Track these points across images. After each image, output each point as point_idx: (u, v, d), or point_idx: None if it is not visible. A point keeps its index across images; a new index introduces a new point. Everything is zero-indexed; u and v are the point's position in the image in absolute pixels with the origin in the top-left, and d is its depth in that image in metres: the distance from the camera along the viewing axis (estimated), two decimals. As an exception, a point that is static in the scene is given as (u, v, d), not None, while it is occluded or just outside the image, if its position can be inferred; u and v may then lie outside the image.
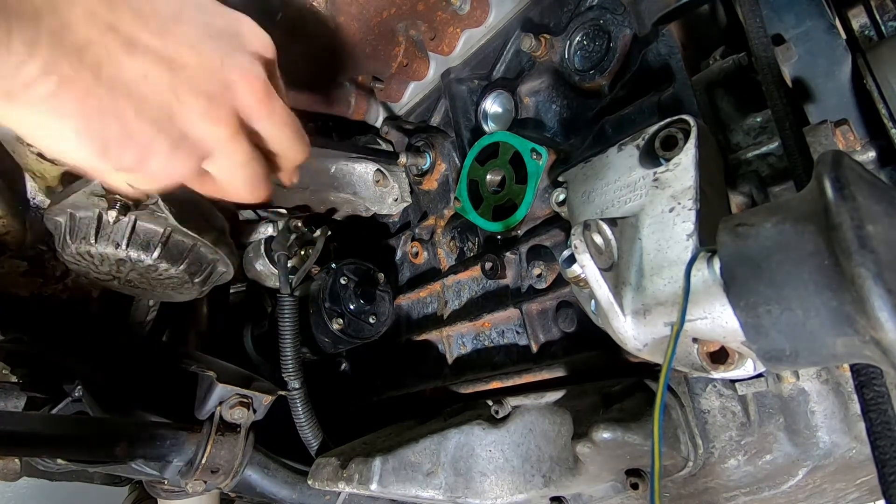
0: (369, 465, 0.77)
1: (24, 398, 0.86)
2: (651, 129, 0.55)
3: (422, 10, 0.87)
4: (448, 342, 0.92)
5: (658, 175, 0.52)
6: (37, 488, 1.70)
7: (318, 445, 0.90)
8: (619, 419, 0.57)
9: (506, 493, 0.68)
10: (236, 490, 0.89)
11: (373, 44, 0.91)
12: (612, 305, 0.47)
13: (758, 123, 0.57)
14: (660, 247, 0.48)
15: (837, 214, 0.31)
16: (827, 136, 0.51)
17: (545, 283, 0.76)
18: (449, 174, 0.96)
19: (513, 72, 0.87)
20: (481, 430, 0.73)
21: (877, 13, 0.59)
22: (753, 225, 0.37)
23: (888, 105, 0.53)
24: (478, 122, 0.89)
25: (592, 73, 0.73)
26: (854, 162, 0.34)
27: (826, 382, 0.53)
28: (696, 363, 0.46)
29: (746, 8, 0.53)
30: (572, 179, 0.63)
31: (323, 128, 1.06)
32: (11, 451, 0.77)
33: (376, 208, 1.03)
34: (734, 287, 0.37)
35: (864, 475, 0.62)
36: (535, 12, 0.83)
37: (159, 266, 0.77)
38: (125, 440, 0.75)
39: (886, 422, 0.35)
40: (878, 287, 0.29)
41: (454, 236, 0.94)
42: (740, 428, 0.57)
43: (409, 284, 1.03)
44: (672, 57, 0.63)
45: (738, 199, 0.56)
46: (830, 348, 0.34)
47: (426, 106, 1.01)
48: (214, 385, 0.81)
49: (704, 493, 0.64)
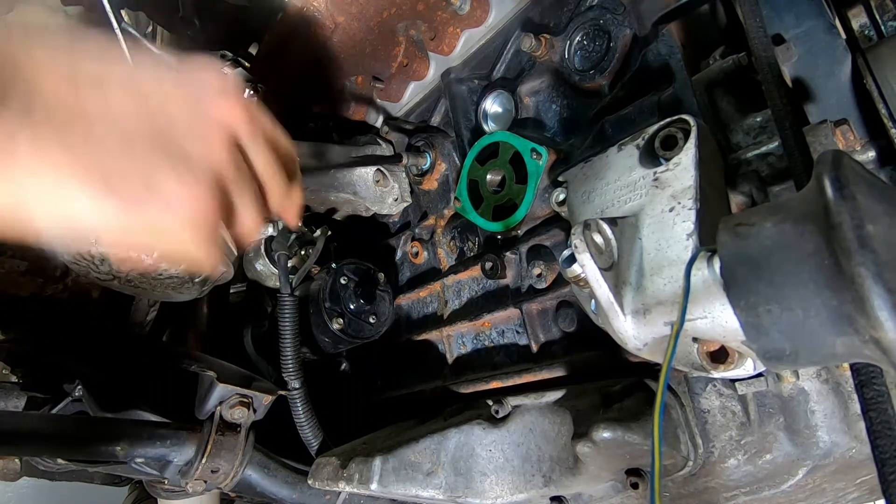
0: (369, 465, 0.77)
1: (24, 398, 0.86)
2: (651, 128, 0.55)
3: (422, 10, 0.87)
4: (448, 342, 0.92)
5: (658, 175, 0.52)
6: (37, 488, 1.70)
7: (318, 445, 0.90)
8: (619, 419, 0.57)
9: (506, 493, 0.68)
10: (236, 490, 0.89)
11: (373, 44, 0.91)
12: (612, 305, 0.47)
13: (758, 123, 0.57)
14: (660, 246, 0.48)
15: (837, 214, 0.31)
16: (827, 135, 0.51)
17: (545, 282, 0.76)
18: (449, 174, 0.96)
19: (513, 72, 0.87)
20: (481, 430, 0.73)
21: (877, 13, 0.59)
22: (753, 225, 0.37)
23: (888, 105, 0.53)
24: (478, 122, 0.89)
25: (592, 73, 0.73)
26: (854, 161, 0.34)
27: (826, 382, 0.53)
28: (696, 363, 0.46)
29: (746, 8, 0.53)
30: (572, 179, 0.63)
31: (323, 128, 1.06)
32: (11, 451, 0.77)
33: (376, 208, 1.03)
34: (734, 287, 0.37)
35: (864, 475, 0.62)
36: (535, 12, 0.83)
37: (160, 266, 0.77)
38: (125, 440, 0.75)
39: (886, 421, 0.35)
40: (878, 286, 0.29)
41: (454, 236, 0.94)
42: (740, 427, 0.57)
43: (409, 284, 1.03)
44: (672, 57, 0.63)
45: (738, 199, 0.56)
46: (830, 348, 0.34)
47: (426, 106, 1.01)
48: (214, 385, 0.81)
49: (704, 493, 0.64)
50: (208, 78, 0.44)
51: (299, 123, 1.06)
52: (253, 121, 0.46)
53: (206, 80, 0.44)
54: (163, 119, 0.40)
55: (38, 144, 0.35)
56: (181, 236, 0.41)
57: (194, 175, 0.41)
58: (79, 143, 0.37)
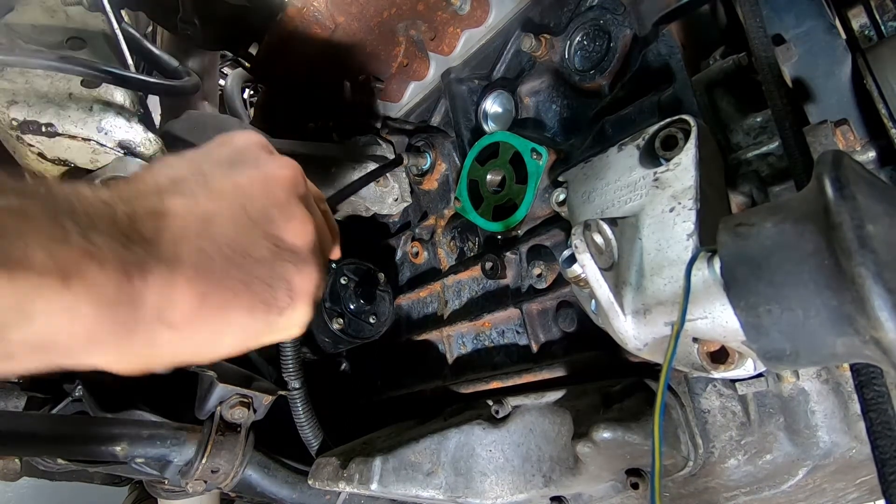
0: (369, 465, 0.77)
1: (24, 398, 0.86)
2: (651, 128, 0.55)
3: (422, 11, 0.87)
4: (448, 342, 0.92)
5: (658, 175, 0.52)
6: (37, 488, 1.70)
7: (318, 445, 0.90)
8: (620, 419, 0.57)
9: (506, 493, 0.68)
10: (236, 490, 0.89)
11: (373, 44, 0.91)
12: (613, 305, 0.47)
13: (758, 123, 0.57)
14: (660, 246, 0.48)
15: (838, 214, 0.31)
16: (827, 135, 0.51)
17: (545, 282, 0.76)
18: (449, 174, 0.96)
19: (513, 72, 0.87)
20: (481, 430, 0.73)
21: (877, 13, 0.59)
22: (754, 225, 0.37)
23: (888, 105, 0.52)
24: (478, 122, 0.89)
25: (592, 73, 0.73)
26: (854, 162, 0.34)
27: (826, 382, 0.53)
28: (697, 363, 0.46)
29: (746, 8, 0.53)
30: (572, 179, 0.63)
31: (323, 128, 1.06)
32: (11, 451, 0.77)
33: (376, 208, 1.03)
34: (734, 287, 0.37)
35: (864, 475, 0.62)
36: (535, 12, 0.83)
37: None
38: (125, 440, 0.75)
39: (886, 421, 0.35)
40: (878, 287, 0.29)
41: (454, 236, 0.94)
42: (740, 428, 0.57)
43: (409, 284, 1.03)
44: (672, 57, 0.63)
45: (738, 199, 0.56)
46: (831, 348, 0.34)
47: (426, 106, 1.01)
48: (215, 385, 0.81)
49: (704, 493, 0.64)
50: (270, 163, 0.46)
51: (299, 123, 1.06)
52: (307, 181, 0.49)
53: (268, 165, 0.46)
54: (260, 217, 0.42)
55: (195, 290, 0.36)
56: (307, 316, 0.45)
57: (304, 259, 0.44)
58: (225, 276, 0.38)
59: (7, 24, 0.76)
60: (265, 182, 0.44)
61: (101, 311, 0.32)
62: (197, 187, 0.40)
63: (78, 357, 0.33)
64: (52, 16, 0.78)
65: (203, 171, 0.42)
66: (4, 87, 0.70)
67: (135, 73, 0.77)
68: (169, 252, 0.35)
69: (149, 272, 0.34)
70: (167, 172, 0.41)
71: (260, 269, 0.40)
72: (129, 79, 0.72)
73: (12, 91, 0.70)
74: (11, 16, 0.77)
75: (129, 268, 0.33)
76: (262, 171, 0.44)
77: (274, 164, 0.45)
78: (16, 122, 0.69)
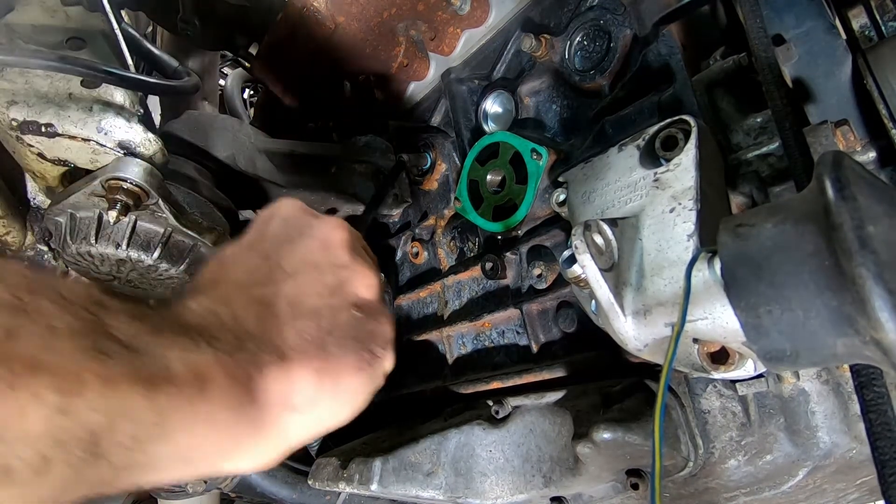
0: (369, 466, 0.77)
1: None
2: (651, 129, 0.55)
3: (422, 11, 0.87)
4: (448, 342, 0.92)
5: (658, 175, 0.52)
6: (37, 488, 1.70)
7: (318, 445, 0.90)
8: (620, 419, 0.57)
9: (506, 494, 0.68)
10: (237, 490, 0.89)
11: (373, 44, 0.91)
12: (613, 306, 0.47)
13: (758, 123, 0.57)
14: (660, 247, 0.48)
15: (838, 215, 0.31)
16: (827, 136, 0.51)
17: (545, 283, 0.76)
18: (449, 174, 0.96)
19: (513, 72, 0.87)
20: (481, 431, 0.73)
21: (877, 13, 0.59)
22: (754, 225, 0.37)
23: (888, 105, 0.52)
24: (478, 122, 0.89)
25: (593, 74, 0.73)
26: (854, 162, 0.34)
27: (826, 383, 0.53)
28: (697, 363, 0.46)
29: (746, 8, 0.53)
30: (572, 180, 0.63)
31: (323, 128, 1.06)
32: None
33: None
34: (735, 287, 0.37)
35: (864, 475, 0.62)
36: (535, 12, 0.83)
37: (159, 266, 0.77)
38: (125, 440, 0.75)
39: (886, 422, 0.35)
40: (878, 287, 0.29)
41: (454, 236, 0.94)
42: (741, 428, 0.57)
43: (409, 284, 1.03)
44: (672, 57, 0.63)
45: (739, 200, 0.56)
46: (831, 349, 0.34)
47: (426, 106, 1.01)
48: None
49: (705, 494, 0.64)
50: (321, 228, 0.47)
51: (299, 123, 1.06)
52: (352, 231, 0.50)
53: (321, 230, 0.47)
54: (335, 284, 0.44)
55: (309, 368, 0.37)
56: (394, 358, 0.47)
57: (379, 309, 0.46)
58: (327, 348, 0.39)
59: (7, 24, 0.76)
60: (325, 248, 0.45)
61: (236, 414, 0.32)
62: (274, 273, 0.41)
63: (220, 464, 0.33)
64: (52, 16, 0.78)
65: (268, 254, 0.43)
66: (4, 87, 0.70)
67: (135, 73, 0.77)
68: (276, 341, 0.36)
69: (264, 365, 0.35)
70: (241, 267, 0.42)
71: (351, 332, 0.42)
72: (128, 79, 0.72)
73: (12, 91, 0.70)
74: (11, 16, 0.77)
75: (246, 366, 0.33)
76: (318, 238, 0.46)
77: (326, 228, 0.47)
78: (16, 122, 0.69)
